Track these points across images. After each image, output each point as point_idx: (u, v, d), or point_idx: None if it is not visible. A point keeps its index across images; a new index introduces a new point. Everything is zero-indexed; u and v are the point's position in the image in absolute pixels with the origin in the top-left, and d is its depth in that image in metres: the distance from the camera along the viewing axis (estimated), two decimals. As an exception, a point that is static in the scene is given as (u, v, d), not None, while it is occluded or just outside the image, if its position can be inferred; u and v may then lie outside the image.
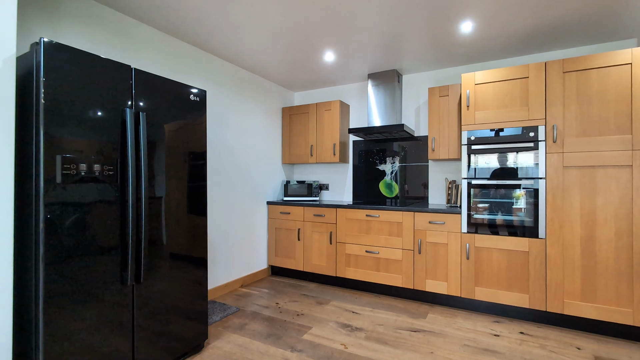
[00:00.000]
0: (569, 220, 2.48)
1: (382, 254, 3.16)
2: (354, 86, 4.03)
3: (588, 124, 2.43)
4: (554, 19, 2.48)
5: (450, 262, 2.87)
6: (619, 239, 2.34)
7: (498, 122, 2.71)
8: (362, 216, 3.27)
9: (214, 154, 3.17)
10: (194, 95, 2.14)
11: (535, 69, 2.59)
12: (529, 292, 2.59)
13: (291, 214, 3.69)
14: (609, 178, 2.37)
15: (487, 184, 2.74)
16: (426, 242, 2.98)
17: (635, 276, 2.29)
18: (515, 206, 2.64)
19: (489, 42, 2.85)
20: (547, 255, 2.53)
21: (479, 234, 2.77)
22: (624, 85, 2.34)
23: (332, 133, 3.77)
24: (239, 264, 3.44)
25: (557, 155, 2.51)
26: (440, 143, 3.20)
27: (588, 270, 2.42)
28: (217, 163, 3.20)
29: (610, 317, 2.35)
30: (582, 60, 2.45)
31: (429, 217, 2.96)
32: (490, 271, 2.72)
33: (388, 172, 3.77)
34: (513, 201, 2.65)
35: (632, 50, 2.31)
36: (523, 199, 2.61)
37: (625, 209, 2.33)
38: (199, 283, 2.19)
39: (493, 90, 2.74)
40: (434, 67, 3.46)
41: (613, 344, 2.30)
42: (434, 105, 3.23)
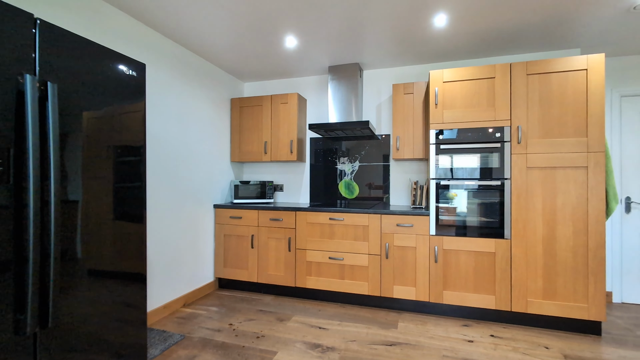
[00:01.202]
0: (532, 220, 2.51)
1: (347, 260, 2.92)
2: (312, 79, 3.74)
3: (549, 126, 2.49)
4: (515, 23, 2.50)
5: (418, 266, 2.74)
6: (576, 237, 2.43)
7: (466, 122, 2.67)
8: (324, 220, 2.99)
9: (150, 147, 2.60)
10: (130, 68, 1.63)
11: (501, 69, 2.59)
12: (495, 293, 2.57)
13: (243, 218, 3.25)
14: (568, 179, 2.45)
15: (455, 184, 2.68)
16: (394, 246, 2.81)
17: (590, 273, 2.40)
18: (483, 207, 2.62)
19: (455, 40, 2.80)
20: (512, 255, 2.54)
21: (447, 236, 2.69)
22: (580, 90, 2.43)
23: (290, 129, 3.43)
24: (181, 279, 2.90)
25: (521, 156, 2.54)
26: (405, 142, 3.08)
27: (549, 268, 2.48)
28: (154, 159, 2.64)
29: (569, 313, 2.43)
30: (544, 63, 2.50)
31: (397, 220, 2.81)
32: (458, 274, 2.66)
33: (348, 172, 3.56)
34: (481, 202, 2.62)
35: (587, 57, 2.42)
36: (494, 200, 2.60)
37: (581, 208, 2.42)
38: (135, 307, 1.69)
39: (461, 89, 2.68)
40: (397, 63, 3.34)
41: (574, 339, 2.37)
42: (399, 103, 3.11)
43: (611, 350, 2.22)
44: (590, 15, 2.41)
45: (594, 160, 2.40)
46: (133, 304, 1.69)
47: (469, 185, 2.65)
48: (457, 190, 2.68)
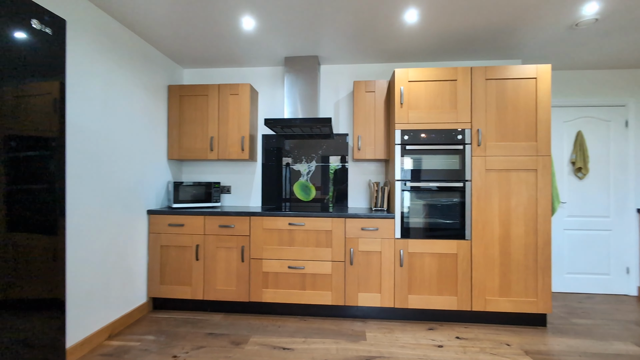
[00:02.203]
0: (490, 221, 2.59)
1: (309, 269, 2.68)
2: (265, 71, 3.41)
3: (505, 130, 2.59)
4: (475, 27, 2.55)
5: (384, 271, 2.63)
6: (527, 236, 2.57)
7: (430, 123, 2.64)
8: (283, 225, 2.70)
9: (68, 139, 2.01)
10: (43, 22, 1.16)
11: (462, 72, 2.62)
12: (457, 294, 2.59)
13: (186, 226, 2.77)
14: (520, 181, 2.58)
15: (420, 186, 2.64)
16: (359, 251, 2.66)
17: (539, 269, 2.55)
18: (446, 209, 2.62)
19: (416, 40, 2.77)
20: (472, 255, 2.59)
21: (412, 238, 2.63)
22: (530, 97, 2.58)
23: (241, 124, 3.05)
24: (106, 304, 2.33)
25: (481, 159, 2.60)
26: (367, 142, 2.96)
27: (504, 267, 2.57)
28: (70, 153, 2.05)
29: (521, 308, 2.55)
30: (500, 69, 2.60)
31: (362, 224, 2.66)
32: (423, 277, 2.62)
33: (304, 173, 3.32)
34: (445, 204, 2.62)
35: (536, 67, 2.57)
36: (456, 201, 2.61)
37: (532, 209, 2.57)
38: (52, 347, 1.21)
39: (425, 90, 2.65)
40: (357, 60, 3.21)
41: (527, 333, 2.49)
42: (360, 101, 2.97)
43: (560, 341, 2.38)
44: (536, 29, 2.57)
45: (542, 163, 2.56)
46: (40, 343, 1.21)
47: (433, 186, 2.63)
48: (422, 192, 2.64)
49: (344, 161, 3.30)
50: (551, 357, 2.15)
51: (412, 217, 2.63)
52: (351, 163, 3.31)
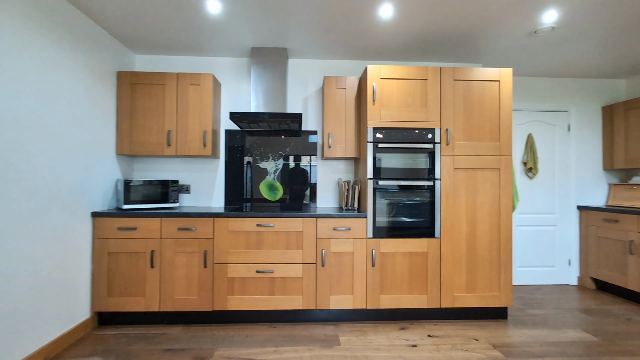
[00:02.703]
0: (458, 219, 2.64)
1: (279, 272, 2.53)
2: (229, 61, 3.18)
3: (471, 130, 2.67)
4: (446, 28, 2.60)
5: (356, 272, 2.57)
6: (491, 233, 2.66)
7: (402, 121, 2.63)
8: (251, 226, 2.52)
9: (-17, 127, 1.66)
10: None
11: (432, 72, 2.65)
12: (427, 292, 2.61)
13: (139, 229, 2.47)
14: (485, 179, 2.67)
15: (392, 185, 2.62)
16: (330, 252, 2.57)
17: (502, 264, 2.66)
18: (417, 207, 2.62)
19: (389, 38, 2.75)
20: (441, 253, 2.62)
21: (383, 238, 2.60)
22: (494, 99, 2.68)
23: (203, 117, 2.80)
24: (39, 323, 1.97)
25: (449, 158, 2.64)
26: (337, 139, 2.88)
27: (471, 263, 2.64)
28: (-10, 146, 1.70)
29: (486, 302, 2.64)
30: (467, 71, 2.66)
31: (334, 223, 2.57)
32: (394, 276, 2.60)
33: (271, 171, 3.15)
34: (415, 202, 2.62)
35: (499, 70, 2.68)
36: (425, 200, 2.62)
37: (495, 206, 2.67)
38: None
39: (397, 88, 2.64)
40: (327, 55, 3.13)
41: (491, 326, 2.58)
42: (331, 97, 2.89)
43: (521, 332, 2.49)
44: (499, 34, 2.68)
45: (504, 162, 2.67)
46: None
47: (404, 185, 2.62)
48: (394, 191, 2.62)
49: (313, 159, 3.19)
50: (516, 349, 2.23)
51: (384, 216, 2.60)
52: (320, 161, 3.21)
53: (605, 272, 3.42)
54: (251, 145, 3.15)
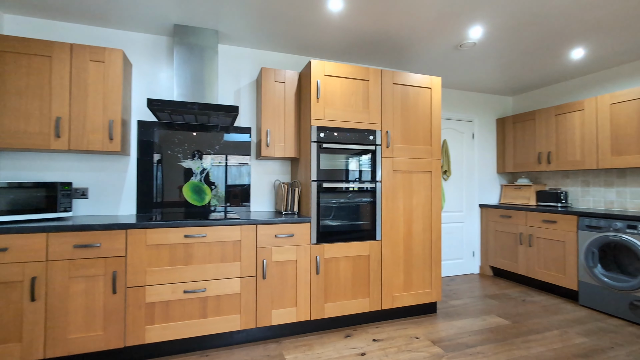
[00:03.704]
0: (396, 220, 2.69)
1: (212, 290, 2.16)
2: (144, 38, 2.62)
3: (408, 133, 2.75)
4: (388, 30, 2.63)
5: (299, 281, 2.38)
6: (424, 232, 2.79)
7: (346, 122, 2.55)
8: (177, 238, 2.10)
9: None
10: None
11: (374, 74, 2.64)
12: (369, 296, 2.58)
13: (12, 250, 1.80)
14: (419, 181, 2.79)
15: (337, 187, 2.51)
16: (272, 262, 2.32)
17: (433, 261, 2.81)
18: (360, 210, 2.58)
19: (333, 35, 2.65)
20: (382, 255, 2.63)
21: (328, 243, 2.47)
22: (427, 104, 2.82)
23: (109, 102, 2.23)
24: None
25: (389, 160, 2.67)
26: (276, 138, 2.65)
27: (407, 263, 2.73)
28: None
29: (420, 299, 2.76)
30: (405, 76, 2.74)
31: (276, 230, 2.33)
32: (338, 283, 2.50)
33: (197, 172, 2.72)
34: (358, 205, 2.57)
35: (431, 78, 2.83)
36: (366, 202, 2.59)
37: (427, 207, 2.81)
38: None
39: (341, 87, 2.55)
40: (263, 45, 2.85)
41: (424, 322, 2.69)
42: (269, 91, 2.64)
43: (451, 324, 2.66)
44: (430, 44, 2.85)
45: (435, 165, 2.84)
46: None
47: (348, 187, 2.55)
48: (338, 193, 2.52)
49: (246, 159, 2.87)
50: (452, 342, 2.36)
51: (328, 220, 2.48)
52: (254, 161, 2.92)
53: (501, 261, 3.99)
54: (172, 140, 2.66)
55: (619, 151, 3.10)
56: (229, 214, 2.49)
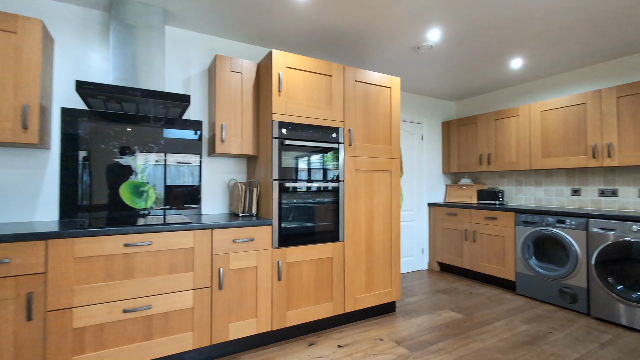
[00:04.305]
0: (359, 220, 2.64)
1: (159, 307, 1.87)
2: (70, 9, 2.19)
3: (369, 132, 2.72)
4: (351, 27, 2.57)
5: (260, 289, 2.18)
6: (384, 232, 2.79)
7: (309, 118, 2.42)
8: (115, 247, 1.77)
9: None
10: None
11: (337, 69, 2.55)
12: (332, 300, 2.48)
13: None
14: (380, 181, 2.77)
15: (300, 186, 2.37)
16: (230, 270, 2.09)
17: (392, 261, 2.82)
18: (323, 210, 2.46)
19: (297, 24, 2.50)
20: (345, 257, 2.56)
21: (290, 246, 2.32)
22: (387, 104, 2.83)
23: (22, 83, 1.80)
24: None
25: (352, 159, 2.61)
26: (232, 133, 2.42)
27: (369, 263, 2.69)
28: None
29: (381, 299, 2.74)
30: (366, 73, 2.70)
31: (235, 234, 2.11)
32: (301, 288, 2.35)
33: (138, 170, 2.36)
34: (321, 205, 2.46)
35: (391, 77, 2.84)
36: (327, 203, 2.49)
37: (387, 207, 2.81)
38: None
39: (303, 81, 2.41)
40: (217, 31, 2.59)
41: (385, 322, 2.68)
42: (225, 82, 2.39)
43: (411, 322, 2.69)
44: (390, 43, 2.86)
45: (395, 165, 2.85)
46: None
47: (311, 187, 2.42)
48: (301, 193, 2.38)
49: (196, 156, 2.58)
50: (415, 341, 2.37)
51: (290, 221, 2.33)
52: (206, 159, 2.64)
53: (447, 256, 4.20)
54: (106, 133, 2.27)
55: (548, 154, 3.44)
56: (178, 218, 2.20)
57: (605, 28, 2.58)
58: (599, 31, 2.64)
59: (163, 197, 2.44)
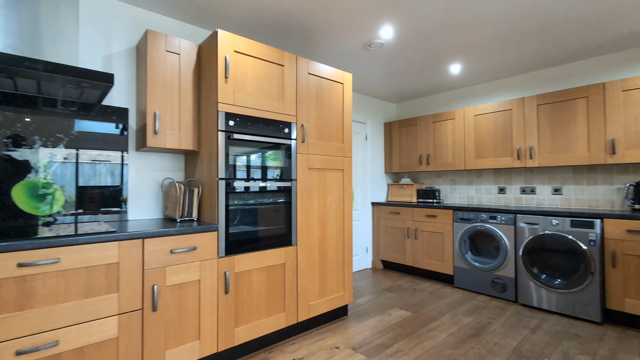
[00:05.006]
0: (312, 222, 2.48)
1: (70, 342, 1.45)
2: None
3: (322, 129, 2.58)
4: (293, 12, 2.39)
5: (204, 306, 1.88)
6: (337, 233, 2.67)
7: (259, 110, 2.18)
8: (3, 270, 1.31)
9: None
10: None
11: (289, 59, 2.35)
12: (285, 309, 2.28)
13: None
14: (333, 180, 2.65)
15: (250, 186, 2.11)
16: (166, 287, 1.75)
17: (345, 263, 2.73)
18: (275, 212, 2.24)
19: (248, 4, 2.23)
20: (298, 262, 2.37)
21: (239, 254, 2.05)
22: (339, 100, 2.72)
23: None
24: None
25: (305, 156, 2.44)
26: (167, 124, 2.05)
27: (322, 267, 2.55)
28: None
29: (334, 304, 2.62)
30: (319, 67, 2.55)
31: (172, 243, 1.77)
32: (251, 300, 2.10)
33: (40, 167, 1.85)
34: (273, 207, 2.23)
35: (344, 73, 2.74)
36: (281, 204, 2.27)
37: (340, 207, 2.70)
38: None
39: (253, 68, 2.16)
40: (148, 3, 2.18)
41: (340, 327, 2.57)
42: (158, 63, 2.02)
43: (364, 325, 2.62)
44: (341, 37, 2.76)
45: (347, 164, 2.76)
46: None
47: (262, 186, 2.18)
48: (251, 194, 2.12)
49: (120, 151, 2.14)
50: (371, 345, 2.30)
51: (239, 226, 2.06)
52: (134, 154, 2.21)
53: (391, 254, 4.29)
54: (-12, 117, 1.73)
55: (480, 155, 3.71)
56: (97, 226, 1.77)
57: (527, 43, 2.84)
58: (521, 45, 2.89)
59: (75, 201, 1.96)
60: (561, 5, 2.25)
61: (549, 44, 2.88)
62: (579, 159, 3.03)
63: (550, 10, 2.31)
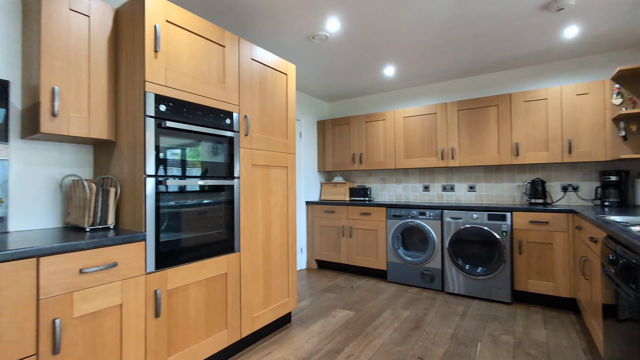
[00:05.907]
0: (256, 225, 2.23)
1: None
2: None
3: (266, 122, 2.35)
4: None
5: (127, 336, 1.49)
6: (282, 235, 2.48)
7: (196, 95, 1.84)
8: None
9: None
10: None
11: (230, 39, 2.06)
12: (227, 326, 1.99)
13: None
14: (277, 178, 2.44)
15: (185, 185, 1.76)
16: (73, 319, 1.32)
17: (289, 267, 2.54)
18: (214, 215, 1.93)
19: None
20: (241, 270, 2.10)
21: (172, 267, 1.69)
22: (283, 92, 2.52)
23: None
24: None
25: (248, 151, 2.17)
26: (71, 105, 1.57)
27: (267, 274, 2.32)
28: None
29: (279, 313, 2.42)
30: (264, 53, 2.32)
31: (83, 260, 1.34)
32: (187, 320, 1.76)
33: None
34: (212, 209, 1.92)
35: (287, 63, 2.55)
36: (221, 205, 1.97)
37: (284, 206, 2.51)
38: None
39: (190, 45, 1.81)
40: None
41: (286, 338, 2.38)
42: (58, 23, 1.53)
43: (310, 332, 2.48)
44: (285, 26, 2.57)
45: (291, 161, 2.58)
46: None
47: (200, 185, 1.85)
48: (185, 194, 1.78)
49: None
50: (321, 353, 2.17)
51: (172, 232, 1.71)
52: (17, 143, 1.64)
53: (326, 253, 4.25)
54: None
55: (409, 155, 3.92)
56: (-45, 243, 1.23)
57: (452, 51, 3.08)
58: (446, 53, 3.13)
59: None
60: (489, 19, 2.46)
61: (471, 53, 3.16)
62: (491, 159, 3.41)
63: (480, 21, 2.51)
